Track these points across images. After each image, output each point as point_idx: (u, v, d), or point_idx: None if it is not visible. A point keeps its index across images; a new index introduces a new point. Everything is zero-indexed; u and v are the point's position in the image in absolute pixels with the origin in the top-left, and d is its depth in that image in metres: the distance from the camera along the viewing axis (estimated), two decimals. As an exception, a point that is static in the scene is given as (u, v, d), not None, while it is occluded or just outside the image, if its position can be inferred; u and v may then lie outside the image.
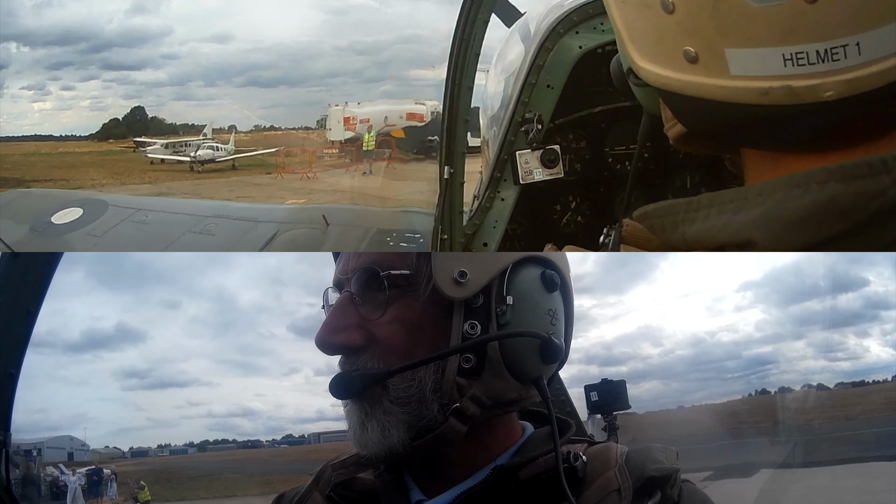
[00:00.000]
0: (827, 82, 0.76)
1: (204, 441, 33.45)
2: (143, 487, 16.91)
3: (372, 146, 28.82)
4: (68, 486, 15.40)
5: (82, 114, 69.27)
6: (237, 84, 73.20)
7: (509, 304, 0.89)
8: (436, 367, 0.88)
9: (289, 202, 17.55)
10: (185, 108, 68.91)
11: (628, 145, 2.89)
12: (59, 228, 5.87)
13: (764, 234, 0.79)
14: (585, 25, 2.61)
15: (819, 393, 21.18)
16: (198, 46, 77.43)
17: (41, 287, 2.07)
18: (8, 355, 2.02)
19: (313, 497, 1.03)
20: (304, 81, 74.40)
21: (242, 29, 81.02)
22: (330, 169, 27.85)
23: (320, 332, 0.91)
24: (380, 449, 0.89)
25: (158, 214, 6.20)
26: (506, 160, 2.63)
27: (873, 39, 0.74)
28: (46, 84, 72.41)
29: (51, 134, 56.42)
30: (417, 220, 5.19)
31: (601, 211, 2.97)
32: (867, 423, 15.41)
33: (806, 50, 0.75)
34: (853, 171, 0.76)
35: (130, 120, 54.05)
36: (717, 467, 10.33)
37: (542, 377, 0.92)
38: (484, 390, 0.88)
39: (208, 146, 35.13)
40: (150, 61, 72.77)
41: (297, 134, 41.76)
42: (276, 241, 5.27)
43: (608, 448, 0.96)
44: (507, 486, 0.90)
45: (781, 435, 14.43)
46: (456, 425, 0.87)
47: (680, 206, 0.89)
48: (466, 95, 2.57)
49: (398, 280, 0.90)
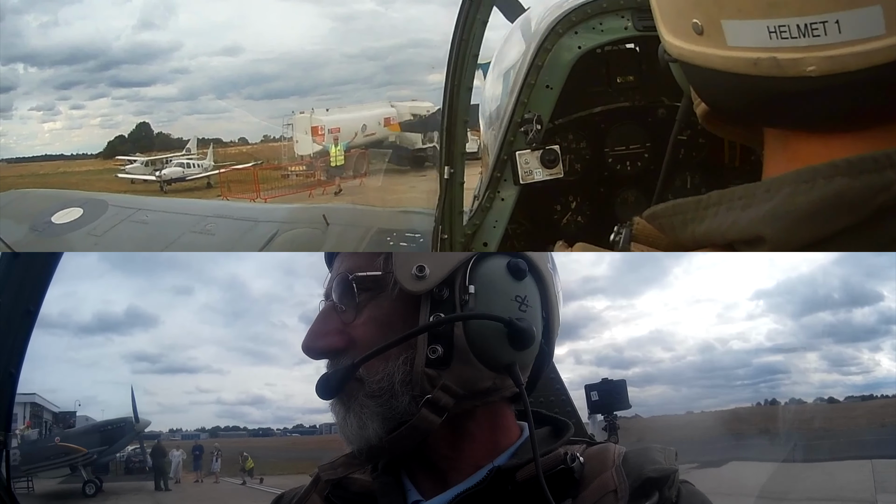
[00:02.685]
0: (808, 57, 0.78)
1: (215, 427, 33.46)
2: (246, 458, 18.06)
3: (341, 161, 24.00)
4: (172, 461, 16.13)
5: (93, 132, 69.33)
6: (248, 96, 72.59)
7: (471, 292, 0.90)
8: (405, 359, 0.90)
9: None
10: (197, 121, 68.58)
11: (628, 145, 2.89)
12: (59, 228, 5.87)
13: (773, 230, 0.80)
14: (584, 25, 2.61)
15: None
16: (207, 60, 76.99)
17: (41, 287, 2.06)
18: (8, 355, 2.02)
19: (312, 499, 1.03)
20: (314, 90, 73.36)
21: (251, 40, 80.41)
22: (289, 193, 22.48)
23: (305, 339, 0.94)
24: (359, 442, 0.91)
25: (158, 214, 6.20)
26: (506, 160, 2.64)
27: (853, 19, 0.76)
28: (56, 104, 72.39)
29: (61, 153, 56.49)
30: (418, 219, 5.18)
31: (601, 211, 2.97)
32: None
33: (788, 23, 0.78)
34: (859, 165, 0.77)
35: (136, 136, 53.87)
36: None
37: (515, 364, 0.91)
38: (454, 380, 0.89)
39: (177, 163, 32.06)
40: (159, 77, 72.39)
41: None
42: (276, 240, 5.27)
43: (606, 449, 0.96)
44: (504, 488, 0.90)
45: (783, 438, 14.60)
46: (429, 416, 0.88)
47: (689, 205, 0.90)
48: (465, 96, 2.58)
49: (368, 282, 0.93)
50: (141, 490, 14.46)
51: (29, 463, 13.26)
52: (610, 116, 2.90)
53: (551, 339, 0.99)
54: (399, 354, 0.90)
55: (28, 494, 12.74)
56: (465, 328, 0.89)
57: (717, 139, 2.91)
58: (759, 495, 8.98)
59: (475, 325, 0.89)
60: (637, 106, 2.89)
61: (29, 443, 14.28)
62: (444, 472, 0.95)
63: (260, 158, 33.04)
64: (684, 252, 0.94)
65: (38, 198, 6.76)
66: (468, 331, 0.89)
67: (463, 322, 0.89)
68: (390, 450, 0.91)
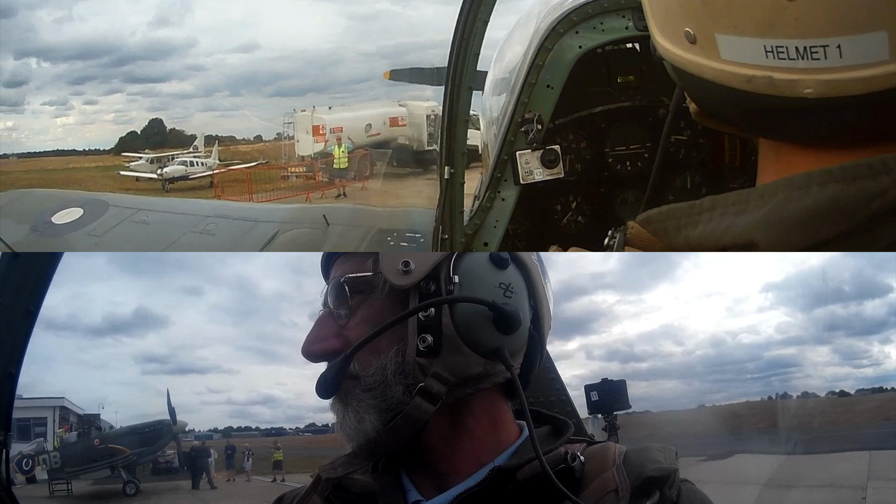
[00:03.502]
0: (806, 79, 0.77)
1: (228, 427, 33.53)
2: (278, 448, 18.78)
3: (344, 164, 22.64)
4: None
5: (106, 127, 69.12)
6: (265, 94, 72.03)
7: (456, 282, 0.92)
8: (396, 351, 0.92)
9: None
10: (212, 118, 68.07)
11: (628, 145, 2.89)
12: (59, 228, 5.87)
13: (766, 236, 0.79)
14: (585, 25, 2.61)
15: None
16: (224, 57, 76.56)
17: (41, 287, 2.06)
18: (8, 355, 2.02)
19: (312, 499, 1.03)
20: (329, 87, 72.67)
21: (268, 38, 79.88)
22: (283, 197, 20.76)
23: (304, 345, 0.97)
24: (358, 437, 0.93)
25: (159, 214, 6.20)
26: (506, 160, 2.64)
27: (856, 44, 0.74)
28: (69, 99, 72.10)
29: (74, 148, 56.09)
30: (418, 219, 5.19)
31: (602, 211, 2.97)
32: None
33: (786, 45, 0.76)
34: (854, 171, 0.76)
35: (148, 132, 53.22)
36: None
37: (503, 348, 0.92)
38: (445, 367, 0.91)
39: (180, 161, 31.14)
40: (175, 73, 72.06)
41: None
42: (276, 240, 5.27)
43: (606, 448, 0.96)
44: (504, 487, 0.90)
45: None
46: (422, 404, 0.90)
47: (682, 210, 0.90)
48: (466, 95, 2.57)
49: (359, 284, 0.96)
50: (178, 489, 14.75)
51: (71, 465, 13.62)
52: (610, 116, 2.90)
53: (541, 327, 1.00)
54: (391, 347, 0.92)
55: (67, 496, 13.21)
56: (452, 316, 0.91)
57: (718, 139, 2.91)
58: (764, 484, 9.18)
59: (461, 312, 0.91)
60: (637, 106, 2.89)
61: (69, 445, 14.58)
62: (444, 472, 0.95)
63: (269, 157, 32.05)
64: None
65: (38, 198, 6.76)
66: (455, 318, 0.91)
67: (450, 310, 0.91)
68: (387, 441, 0.92)
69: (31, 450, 14.31)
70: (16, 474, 12.85)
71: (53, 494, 13.34)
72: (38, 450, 14.35)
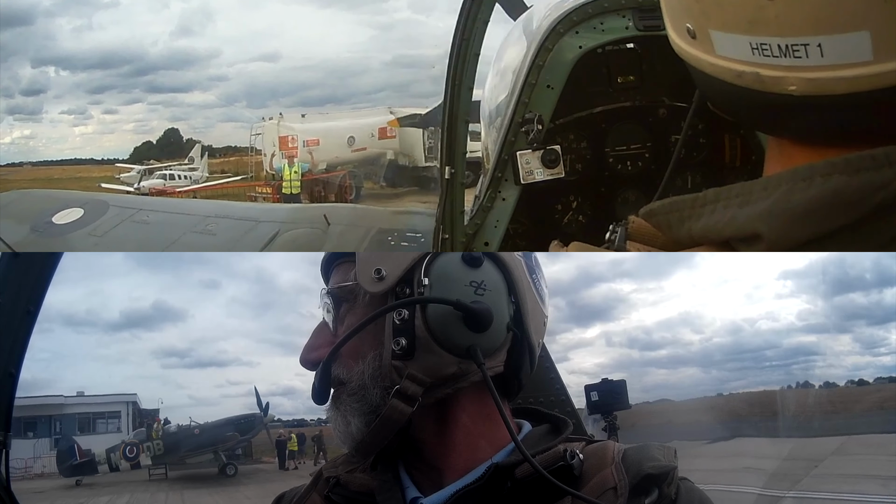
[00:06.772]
0: (790, 77, 0.78)
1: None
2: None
3: (297, 188, 18.36)
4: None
5: (125, 137, 68.34)
6: (286, 105, 71.13)
7: (426, 284, 0.93)
8: (374, 356, 0.94)
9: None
10: (233, 129, 66.88)
11: (629, 145, 2.89)
12: (59, 228, 5.87)
13: (769, 228, 0.79)
14: (585, 25, 2.61)
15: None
16: (245, 67, 75.86)
17: (41, 287, 2.06)
18: (8, 355, 2.01)
19: (312, 498, 1.04)
20: (349, 98, 71.75)
21: (290, 48, 79.02)
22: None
23: (301, 354, 1.00)
24: (347, 439, 0.95)
25: (159, 214, 6.20)
26: (507, 160, 2.64)
27: (837, 44, 0.74)
28: (88, 108, 71.52)
29: (91, 157, 55.33)
30: (419, 219, 5.20)
31: (602, 211, 2.97)
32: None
33: (769, 42, 0.78)
34: (857, 163, 0.77)
35: (164, 143, 51.62)
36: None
37: (475, 346, 0.92)
38: (420, 368, 0.92)
39: (159, 175, 27.87)
40: (196, 83, 71.54)
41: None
42: (277, 240, 5.28)
43: (605, 446, 0.96)
44: (503, 484, 0.91)
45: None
46: (399, 405, 0.91)
47: (685, 203, 0.90)
48: (466, 95, 2.58)
49: (344, 293, 0.98)
50: (260, 472, 16.63)
51: (174, 452, 15.58)
52: (611, 116, 2.90)
53: (525, 324, 0.98)
54: (370, 352, 0.94)
55: (164, 479, 14.98)
56: (424, 318, 0.92)
57: (718, 139, 2.91)
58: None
59: (433, 312, 0.92)
60: (638, 106, 2.89)
61: (170, 434, 16.16)
62: (442, 469, 0.96)
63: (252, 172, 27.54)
64: (681, 250, 0.94)
65: (38, 198, 6.76)
66: (427, 319, 0.92)
67: (422, 311, 0.92)
68: (371, 443, 0.93)
69: (136, 438, 16.07)
70: (121, 461, 15.12)
71: (151, 478, 15.02)
72: (142, 438, 15.92)
